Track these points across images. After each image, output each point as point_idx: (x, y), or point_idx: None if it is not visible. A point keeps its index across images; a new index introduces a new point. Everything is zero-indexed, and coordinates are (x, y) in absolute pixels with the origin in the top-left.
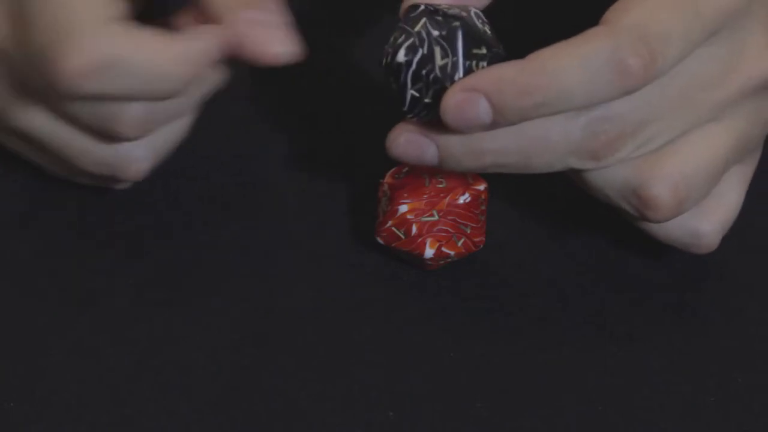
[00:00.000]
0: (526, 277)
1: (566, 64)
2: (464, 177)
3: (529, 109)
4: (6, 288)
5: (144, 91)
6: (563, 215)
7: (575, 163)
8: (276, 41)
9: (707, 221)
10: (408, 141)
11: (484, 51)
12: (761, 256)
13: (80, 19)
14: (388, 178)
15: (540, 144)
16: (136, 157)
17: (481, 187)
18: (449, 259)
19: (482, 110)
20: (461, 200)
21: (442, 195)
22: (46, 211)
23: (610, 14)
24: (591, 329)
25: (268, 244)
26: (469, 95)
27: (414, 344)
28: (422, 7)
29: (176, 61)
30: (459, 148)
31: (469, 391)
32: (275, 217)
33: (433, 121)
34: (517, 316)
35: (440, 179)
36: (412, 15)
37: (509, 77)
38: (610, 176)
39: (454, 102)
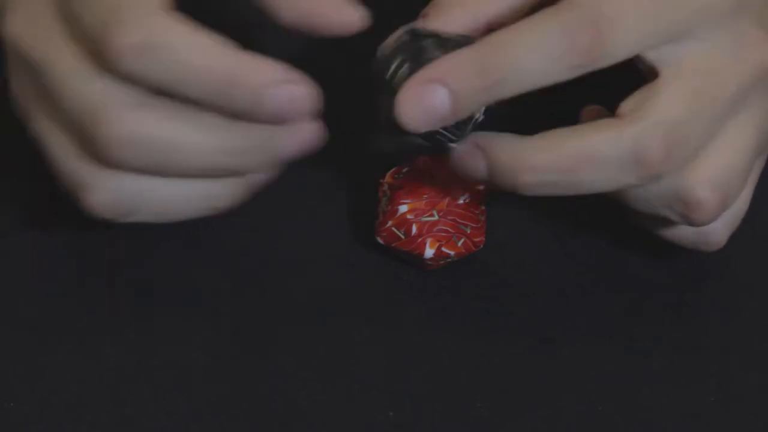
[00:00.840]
0: (526, 277)
1: (519, 40)
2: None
3: (487, 89)
4: (6, 288)
5: (175, 79)
6: (563, 215)
7: (629, 178)
8: (343, 9)
9: (717, 219)
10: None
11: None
12: (761, 256)
13: (135, 3)
14: (388, 178)
15: (587, 162)
16: (92, 185)
17: (481, 187)
18: (449, 259)
19: (439, 99)
20: (461, 200)
21: (442, 195)
22: (45, 211)
23: None
24: (591, 329)
25: (268, 244)
26: (424, 86)
27: (414, 344)
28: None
29: (213, 57)
30: (505, 160)
31: (469, 391)
32: (275, 217)
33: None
34: (517, 316)
35: (440, 179)
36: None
37: (461, 60)
38: (654, 188)
39: (408, 96)
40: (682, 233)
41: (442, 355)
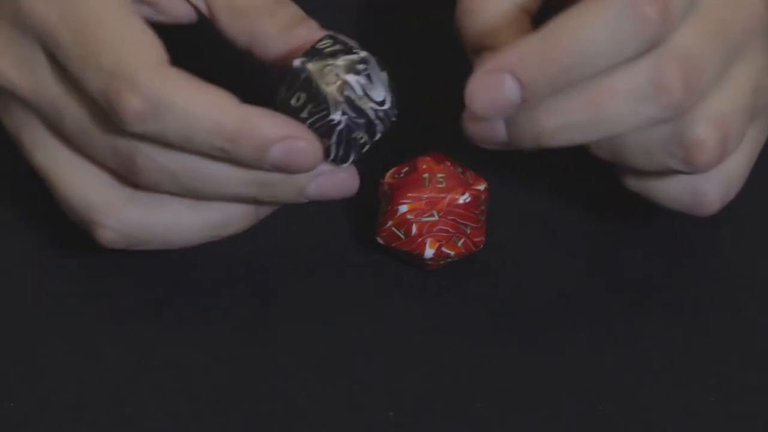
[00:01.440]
0: (526, 277)
1: (584, 24)
2: (464, 177)
3: (557, 77)
4: (6, 288)
5: (184, 137)
6: (563, 215)
7: (652, 110)
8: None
9: (709, 179)
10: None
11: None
12: (761, 256)
13: (136, 61)
14: (388, 178)
15: (607, 95)
16: (105, 223)
17: (481, 187)
18: (449, 259)
19: (509, 89)
20: (461, 200)
21: (442, 195)
22: (45, 211)
23: None
24: (591, 329)
25: (268, 244)
26: (493, 76)
27: (414, 344)
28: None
29: (216, 109)
30: (522, 119)
31: (469, 391)
32: (275, 217)
33: None
34: (517, 316)
35: (440, 179)
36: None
37: (529, 49)
38: (650, 133)
39: (477, 87)
40: (677, 192)
41: (442, 355)
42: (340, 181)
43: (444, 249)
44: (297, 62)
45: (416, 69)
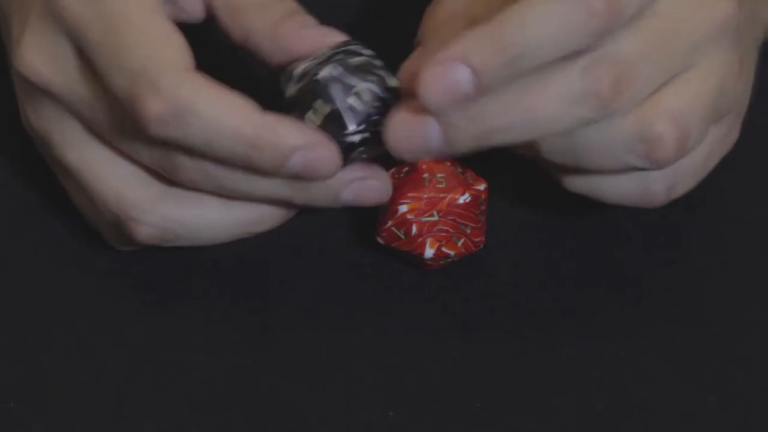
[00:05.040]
0: (526, 277)
1: (536, 12)
2: (464, 177)
3: (508, 65)
4: (6, 288)
5: (205, 143)
6: (563, 215)
7: (583, 111)
8: (324, 36)
9: (656, 174)
10: (405, 128)
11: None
12: (761, 256)
13: (162, 65)
14: None
15: (541, 96)
16: (141, 219)
17: (481, 187)
18: (449, 259)
19: (463, 78)
20: (461, 200)
21: (442, 195)
22: (45, 212)
23: None
24: (590, 329)
25: (268, 244)
26: (446, 66)
27: (414, 344)
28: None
29: (240, 117)
30: (461, 121)
31: (469, 391)
32: None
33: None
34: (517, 316)
35: (440, 179)
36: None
37: (481, 36)
38: (613, 130)
39: (430, 77)
40: (624, 189)
41: (441, 355)
42: (373, 187)
43: (444, 249)
44: (320, 74)
45: None
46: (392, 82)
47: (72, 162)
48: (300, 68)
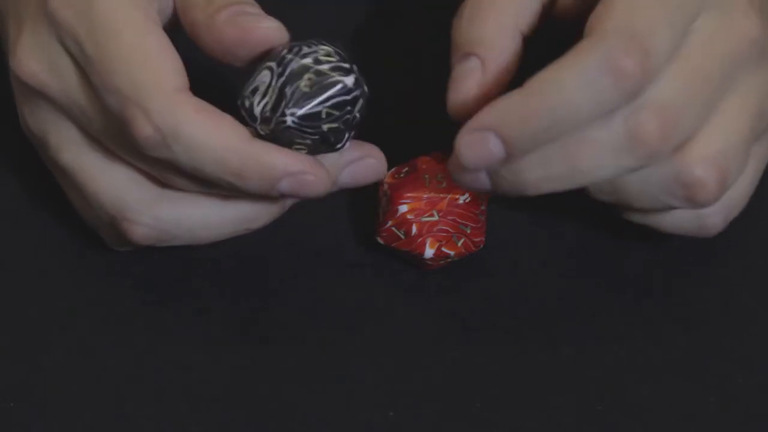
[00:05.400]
0: (526, 277)
1: (563, 81)
2: None
3: (539, 134)
4: (6, 288)
5: (193, 168)
6: (563, 215)
7: (628, 159)
8: (261, 22)
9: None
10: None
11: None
12: (761, 255)
13: (151, 87)
14: (388, 178)
15: (583, 148)
16: (136, 219)
17: None
18: (449, 259)
19: (494, 146)
20: (461, 200)
21: (442, 195)
22: (45, 212)
23: (594, 22)
24: (590, 329)
25: (268, 244)
26: (477, 135)
27: (414, 344)
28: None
29: (230, 144)
30: (504, 173)
31: (469, 391)
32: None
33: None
34: (516, 316)
35: (440, 179)
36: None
37: (510, 108)
38: (653, 175)
39: (465, 143)
40: (681, 222)
41: (441, 355)
42: (370, 166)
43: (444, 249)
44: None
45: (416, 69)
46: (350, 75)
47: (68, 163)
48: (258, 104)
